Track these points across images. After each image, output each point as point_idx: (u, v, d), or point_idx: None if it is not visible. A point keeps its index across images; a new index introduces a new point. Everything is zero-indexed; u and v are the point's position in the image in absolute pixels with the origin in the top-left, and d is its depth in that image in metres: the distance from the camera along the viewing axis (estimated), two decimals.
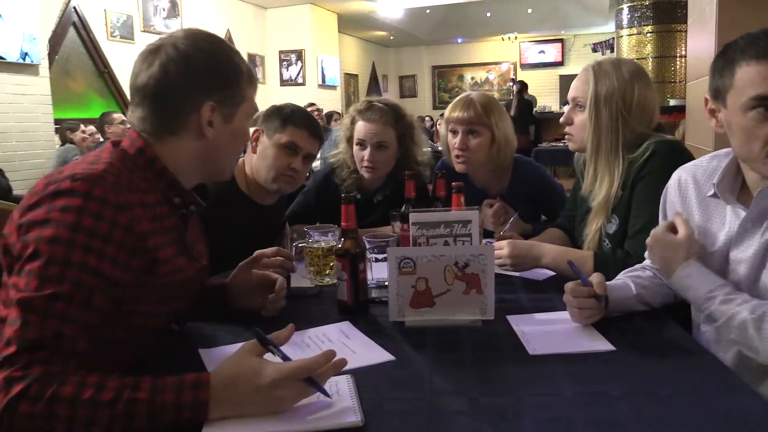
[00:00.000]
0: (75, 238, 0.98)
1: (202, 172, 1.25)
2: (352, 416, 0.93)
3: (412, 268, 1.34)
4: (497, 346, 1.24)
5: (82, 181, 1.02)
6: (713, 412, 0.95)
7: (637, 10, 7.60)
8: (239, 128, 1.24)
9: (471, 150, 2.17)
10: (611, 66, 1.73)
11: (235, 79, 1.21)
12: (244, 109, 1.24)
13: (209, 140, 1.19)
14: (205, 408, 0.90)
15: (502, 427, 0.91)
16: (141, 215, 1.09)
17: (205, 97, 1.16)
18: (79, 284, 0.96)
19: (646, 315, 1.39)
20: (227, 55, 1.21)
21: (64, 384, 0.87)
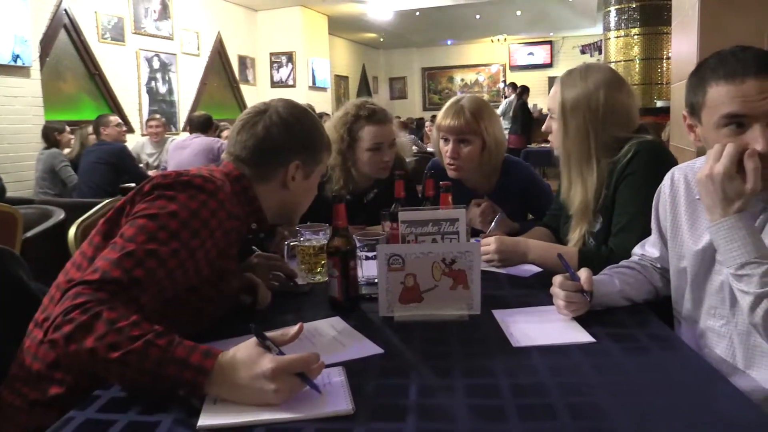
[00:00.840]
0: (190, 221, 1.18)
1: (278, 214, 1.49)
2: (343, 404, 0.97)
3: (401, 264, 1.39)
4: (482, 339, 1.28)
5: (211, 183, 1.25)
6: (690, 402, 0.99)
7: (625, 13, 7.68)
8: (313, 185, 1.53)
9: (462, 158, 2.22)
10: (578, 75, 1.77)
11: (318, 146, 1.49)
12: (320, 169, 1.53)
13: (289, 191, 1.45)
14: (205, 374, 0.97)
15: (485, 415, 0.95)
16: (237, 228, 1.34)
17: (294, 156, 1.43)
18: (175, 255, 1.14)
19: (627, 309, 1.44)
20: (315, 126, 1.49)
21: (111, 310, 1.01)
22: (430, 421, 0.94)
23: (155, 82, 8.30)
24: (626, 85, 1.80)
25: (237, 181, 1.38)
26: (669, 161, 1.66)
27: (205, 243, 1.20)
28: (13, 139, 5.82)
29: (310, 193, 1.54)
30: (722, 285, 1.30)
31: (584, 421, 0.93)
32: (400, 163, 2.33)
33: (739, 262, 1.18)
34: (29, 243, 2.53)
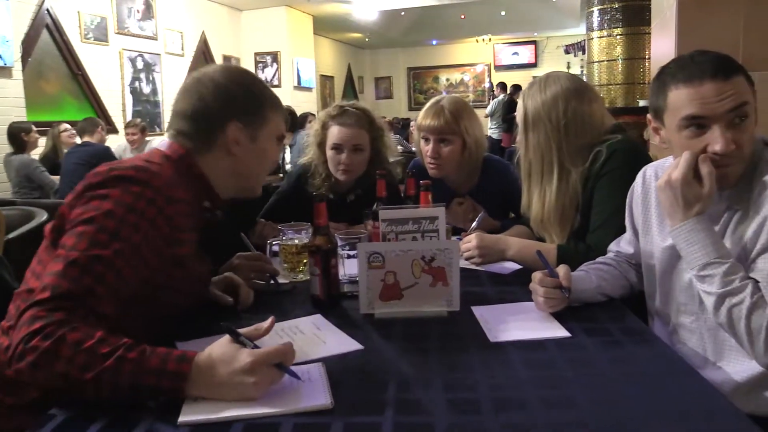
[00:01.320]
0: (128, 216, 1.14)
1: (233, 186, 1.43)
2: (322, 399, 0.99)
3: (381, 262, 1.41)
4: (461, 334, 1.31)
5: (144, 172, 1.20)
6: (661, 393, 1.02)
7: (607, 13, 7.74)
8: (265, 148, 1.43)
9: (443, 157, 2.24)
10: (538, 88, 1.79)
11: (258, 104, 1.41)
12: (269, 131, 1.43)
13: (237, 158, 1.38)
14: (183, 380, 0.97)
15: (461, 408, 0.98)
16: (182, 211, 1.27)
17: (230, 117, 1.36)
18: (120, 254, 1.11)
19: (603, 304, 1.47)
20: (252, 83, 1.42)
21: (73, 330, 0.98)
22: (408, 415, 0.96)
23: (139, 82, 8.26)
24: (588, 92, 1.81)
25: (181, 160, 1.34)
26: (644, 159, 1.69)
27: (148, 235, 1.17)
28: None
29: (263, 157, 1.44)
30: (691, 282, 1.33)
31: (557, 413, 0.95)
32: (382, 162, 2.34)
33: (701, 263, 1.23)
34: (12, 244, 2.52)
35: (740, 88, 1.22)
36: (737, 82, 1.22)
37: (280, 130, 1.47)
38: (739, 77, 1.23)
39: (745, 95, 1.22)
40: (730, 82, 1.22)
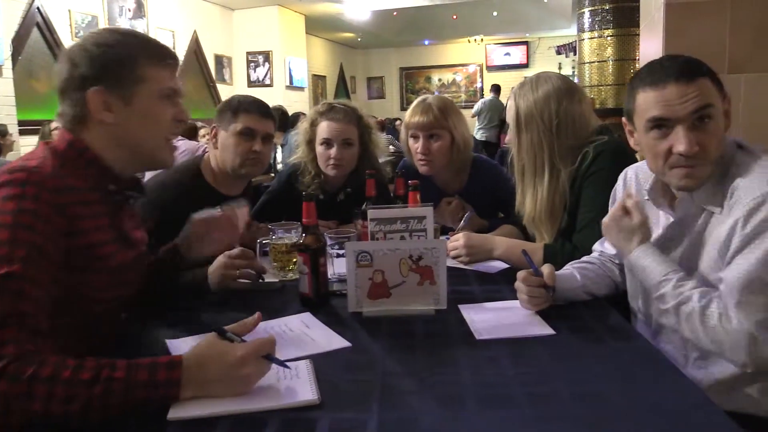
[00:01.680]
0: (19, 219, 1.06)
1: (129, 158, 1.30)
2: (309, 395, 1.00)
3: (369, 261, 1.42)
4: (448, 332, 1.32)
5: (19, 171, 1.12)
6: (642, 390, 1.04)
7: (598, 14, 7.78)
8: (147, 108, 1.28)
9: (433, 153, 2.26)
10: (530, 88, 1.82)
11: (122, 61, 1.25)
12: (148, 88, 1.27)
13: (115, 125, 1.26)
14: (176, 386, 0.97)
15: (447, 403, 0.99)
16: (75, 200, 1.17)
17: (89, 84, 1.23)
18: (27, 261, 1.04)
19: (587, 303, 1.49)
20: (113, 41, 1.26)
21: (43, 365, 0.93)
22: (393, 411, 0.97)
23: None
24: (578, 92, 1.83)
25: (71, 147, 1.25)
26: (629, 160, 1.71)
27: (46, 232, 1.09)
28: None
29: (148, 119, 1.29)
30: None
31: (540, 408, 0.97)
32: (371, 160, 2.37)
33: (652, 284, 1.31)
34: None
35: (704, 90, 1.25)
36: (701, 84, 1.25)
37: (166, 85, 1.30)
38: (703, 80, 1.26)
39: (708, 97, 1.25)
40: (693, 85, 1.25)
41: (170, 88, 1.32)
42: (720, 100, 1.28)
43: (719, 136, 1.28)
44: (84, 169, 1.24)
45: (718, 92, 1.27)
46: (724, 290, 1.20)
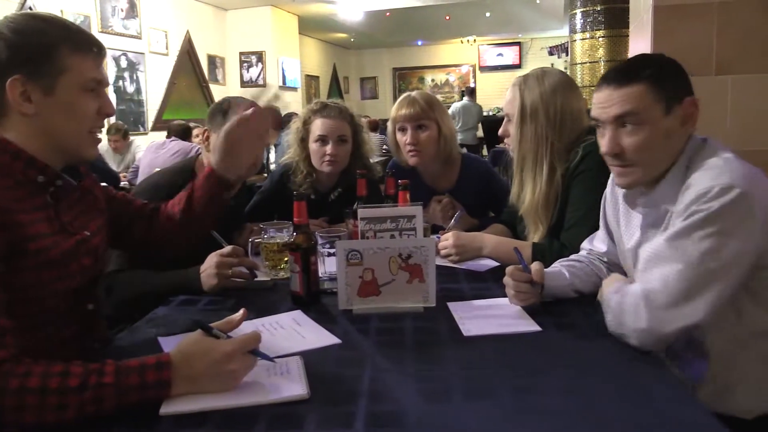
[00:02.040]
0: None
1: (53, 150, 1.24)
2: (299, 390, 1.03)
3: (359, 259, 1.44)
4: (436, 329, 1.35)
5: None
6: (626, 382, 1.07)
7: (590, 15, 7.84)
8: (69, 100, 1.22)
9: (422, 143, 2.31)
10: (535, 81, 1.84)
11: (43, 50, 1.19)
12: (71, 79, 1.21)
13: (36, 116, 1.20)
14: (167, 386, 0.99)
15: (433, 397, 1.02)
16: (2, 196, 1.12)
17: (8, 73, 1.17)
18: None
19: (575, 300, 1.52)
20: (34, 29, 1.20)
21: (29, 375, 0.93)
22: (381, 404, 1.00)
23: (123, 81, 8.23)
24: (578, 89, 1.89)
25: None
26: None
27: None
28: None
29: (71, 111, 1.23)
30: None
31: (522, 401, 1.00)
32: (363, 158, 2.39)
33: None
34: None
35: (632, 96, 1.29)
36: (631, 90, 1.29)
37: (89, 76, 1.24)
38: (638, 86, 1.29)
39: (633, 104, 1.29)
40: (621, 90, 1.30)
41: (94, 79, 1.25)
42: (658, 106, 1.28)
43: (647, 142, 1.30)
44: (8, 164, 1.18)
45: (656, 99, 1.28)
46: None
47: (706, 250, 1.17)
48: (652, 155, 1.31)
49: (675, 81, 1.31)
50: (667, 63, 1.35)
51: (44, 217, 1.21)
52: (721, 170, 1.22)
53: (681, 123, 1.30)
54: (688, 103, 1.30)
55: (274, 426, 0.94)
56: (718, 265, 1.17)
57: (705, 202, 1.18)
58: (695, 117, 1.31)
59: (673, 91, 1.29)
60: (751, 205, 1.17)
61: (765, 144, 2.56)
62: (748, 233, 1.17)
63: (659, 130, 1.29)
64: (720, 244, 1.16)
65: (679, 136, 1.31)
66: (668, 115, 1.29)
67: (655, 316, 1.18)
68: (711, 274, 1.17)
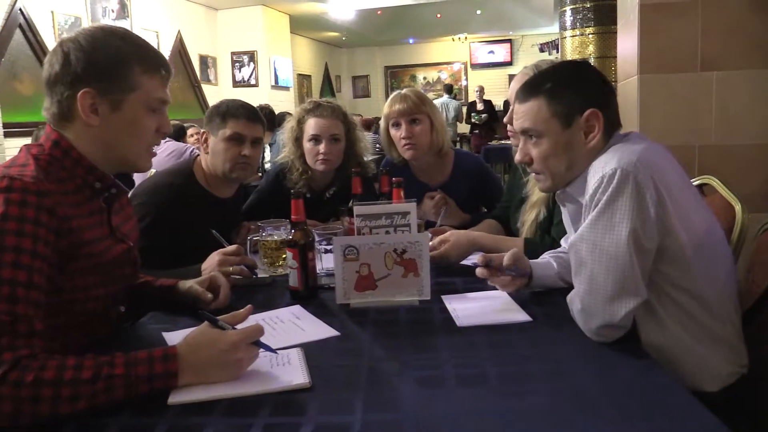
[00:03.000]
0: (5, 226, 1.07)
1: (110, 159, 1.30)
2: (301, 379, 1.08)
3: (356, 255, 1.49)
4: (430, 320, 1.40)
5: (1, 179, 1.11)
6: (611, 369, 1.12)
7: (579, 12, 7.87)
8: (134, 117, 1.28)
9: (417, 136, 2.38)
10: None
11: (117, 67, 1.25)
12: (138, 98, 1.27)
13: (99, 128, 1.26)
14: (174, 376, 1.04)
15: (428, 384, 1.07)
16: (62, 201, 1.18)
17: (81, 84, 1.23)
18: (17, 266, 1.05)
19: (564, 291, 1.56)
20: (110, 45, 1.26)
21: (44, 369, 0.97)
22: (378, 392, 1.05)
23: None
24: None
25: (56, 146, 1.25)
26: None
27: (37, 234, 1.09)
28: None
29: (133, 128, 1.29)
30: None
31: (512, 386, 1.05)
32: (357, 156, 2.44)
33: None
34: None
35: (530, 111, 1.36)
36: (531, 105, 1.37)
37: (155, 96, 1.31)
38: (536, 101, 1.36)
39: (531, 119, 1.36)
40: (523, 105, 1.39)
41: (160, 99, 1.32)
42: (555, 120, 1.34)
43: (548, 153, 1.36)
44: (70, 169, 1.25)
45: (553, 113, 1.34)
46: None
47: (613, 237, 1.19)
48: (555, 165, 1.38)
49: (576, 93, 1.35)
50: (570, 74, 1.41)
51: (98, 222, 1.29)
52: (608, 159, 1.25)
53: (585, 134, 1.34)
54: (588, 115, 1.33)
55: (278, 413, 0.98)
56: (629, 248, 1.18)
57: (601, 192, 1.21)
58: (598, 128, 1.33)
59: (571, 105, 1.34)
60: (638, 181, 1.18)
61: (749, 138, 2.63)
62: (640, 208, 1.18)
63: (558, 142, 1.35)
64: (623, 227, 1.18)
65: (584, 146, 1.34)
66: (568, 128, 1.34)
67: (597, 313, 1.21)
68: (625, 259, 1.19)
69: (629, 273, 1.19)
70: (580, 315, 1.26)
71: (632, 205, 1.18)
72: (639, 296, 1.20)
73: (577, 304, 1.26)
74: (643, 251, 1.20)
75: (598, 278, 1.21)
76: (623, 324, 1.21)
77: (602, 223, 1.21)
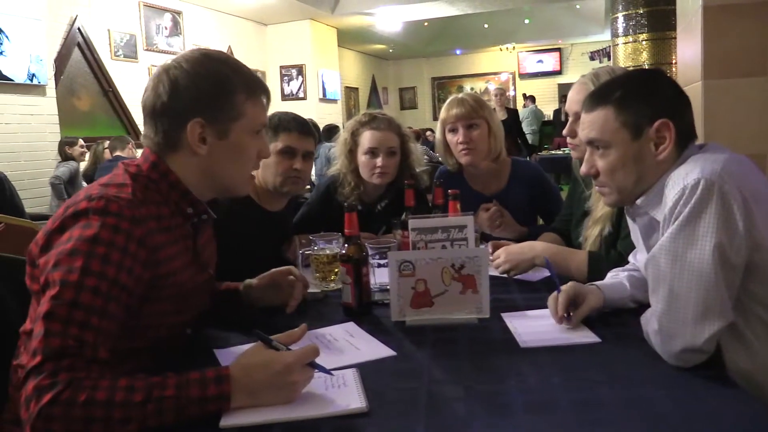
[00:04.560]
0: (94, 249, 1.05)
1: (210, 187, 1.30)
2: (357, 403, 1.02)
3: (412, 270, 1.44)
4: (491, 340, 1.33)
5: (98, 200, 1.10)
6: (690, 395, 1.03)
7: (632, 19, 7.71)
8: (239, 144, 1.27)
9: (474, 141, 2.34)
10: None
11: (225, 96, 1.24)
12: (244, 125, 1.26)
13: (206, 156, 1.24)
14: (227, 399, 1.00)
15: (493, 410, 1.00)
16: (155, 228, 1.17)
17: (190, 115, 1.21)
18: (97, 292, 1.03)
19: (631, 310, 1.48)
20: (216, 73, 1.24)
21: (96, 389, 0.95)
22: (440, 418, 0.98)
23: None
24: None
25: (154, 168, 1.23)
26: None
27: (122, 264, 1.07)
28: (29, 156, 5.96)
29: (239, 154, 1.28)
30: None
31: (585, 414, 0.97)
32: (410, 169, 2.39)
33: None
34: None
35: (598, 121, 1.29)
36: (598, 115, 1.29)
37: (258, 122, 1.30)
38: (604, 110, 1.28)
39: (599, 130, 1.28)
40: (590, 114, 1.31)
41: (262, 123, 1.32)
42: (624, 130, 1.26)
43: (616, 165, 1.28)
44: (166, 193, 1.23)
45: (623, 123, 1.26)
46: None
47: (696, 251, 1.10)
48: (623, 178, 1.29)
49: (646, 102, 1.26)
50: (640, 83, 1.32)
51: (183, 249, 1.27)
52: (689, 169, 1.16)
53: (655, 145, 1.25)
54: (659, 126, 1.24)
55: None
56: (714, 264, 1.09)
57: (683, 204, 1.12)
58: (669, 139, 1.24)
59: (641, 115, 1.25)
60: (724, 191, 1.10)
61: None
62: (727, 220, 1.09)
63: (627, 154, 1.27)
64: (707, 241, 1.09)
65: (654, 158, 1.26)
66: (638, 139, 1.26)
67: (677, 335, 1.12)
68: (709, 276, 1.09)
69: (714, 292, 1.09)
70: (657, 336, 1.17)
71: (718, 218, 1.09)
72: (724, 318, 1.11)
73: (654, 324, 1.17)
74: (729, 268, 1.10)
75: (678, 297, 1.12)
76: (707, 348, 1.11)
77: (684, 236, 1.12)
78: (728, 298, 1.11)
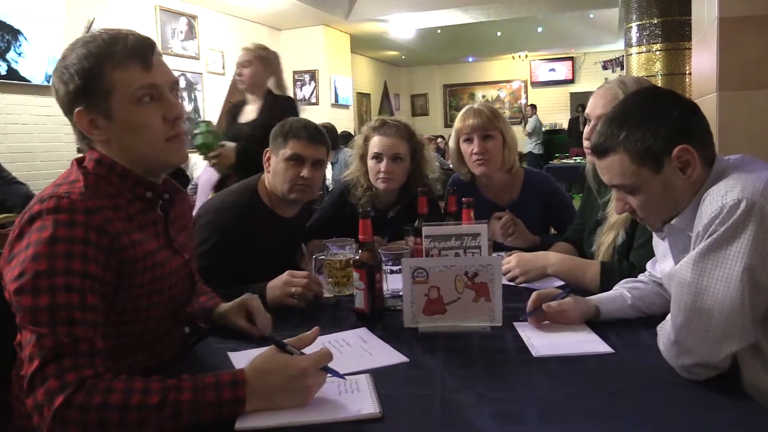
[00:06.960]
0: (54, 249, 1.04)
1: (138, 165, 1.23)
2: (371, 408, 1.03)
3: (425, 277, 1.44)
4: (504, 348, 1.33)
5: (49, 200, 1.08)
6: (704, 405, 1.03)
7: (646, 29, 7.68)
8: (127, 116, 1.18)
9: (489, 152, 2.34)
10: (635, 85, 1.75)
11: (92, 76, 1.16)
12: (121, 96, 1.16)
13: (112, 139, 1.20)
14: (242, 403, 1.00)
15: (506, 418, 1.00)
16: (112, 217, 1.14)
17: (74, 106, 1.17)
18: (70, 289, 1.02)
19: (645, 321, 1.47)
20: (81, 57, 1.16)
21: (111, 391, 0.95)
22: (454, 425, 0.99)
23: (181, 101, 8.47)
24: None
25: (99, 164, 1.20)
26: None
27: (86, 254, 1.06)
28: (45, 157, 6.00)
29: (134, 126, 1.19)
30: None
31: (599, 425, 0.97)
32: (422, 177, 2.40)
33: None
34: None
35: (613, 167, 1.25)
36: (611, 161, 1.25)
37: (135, 87, 1.17)
38: (615, 156, 1.24)
39: (617, 175, 1.25)
40: (603, 162, 1.28)
41: (142, 86, 1.18)
42: (644, 168, 1.22)
43: (647, 202, 1.26)
44: (118, 184, 1.20)
45: (640, 163, 1.22)
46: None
47: (725, 271, 1.09)
48: (660, 209, 1.27)
49: (655, 134, 1.21)
50: (643, 114, 1.25)
51: (153, 233, 1.25)
52: (729, 187, 1.14)
53: (681, 170, 1.22)
54: (679, 152, 1.20)
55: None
56: (742, 286, 1.07)
57: (719, 223, 1.10)
58: (693, 161, 1.20)
59: (654, 149, 1.21)
60: (765, 213, 1.08)
61: None
62: (763, 244, 1.08)
63: (656, 188, 1.23)
64: (738, 262, 1.08)
65: (685, 181, 1.22)
66: (661, 171, 1.21)
67: (694, 350, 1.11)
68: (735, 297, 1.08)
69: (738, 313, 1.08)
70: (672, 348, 1.16)
71: (754, 240, 1.07)
72: (746, 340, 1.09)
73: (671, 335, 1.16)
74: (759, 290, 1.08)
75: (701, 313, 1.10)
76: (721, 366, 1.10)
77: (715, 254, 1.10)
78: (751, 321, 1.09)
